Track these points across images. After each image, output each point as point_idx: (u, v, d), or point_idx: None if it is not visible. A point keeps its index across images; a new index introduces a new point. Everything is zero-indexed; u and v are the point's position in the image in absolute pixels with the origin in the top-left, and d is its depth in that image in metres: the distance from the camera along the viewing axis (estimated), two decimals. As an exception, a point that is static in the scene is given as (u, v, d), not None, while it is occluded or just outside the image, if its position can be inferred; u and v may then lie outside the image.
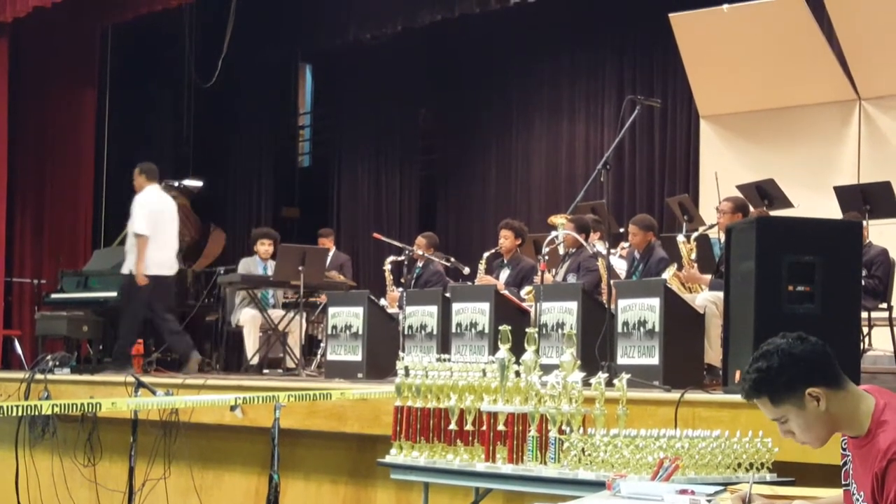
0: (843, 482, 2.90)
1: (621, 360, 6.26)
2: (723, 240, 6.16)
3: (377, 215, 14.00)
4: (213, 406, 6.68)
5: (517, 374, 4.35)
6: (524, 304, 7.45)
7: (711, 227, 7.85)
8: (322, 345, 8.90)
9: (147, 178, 8.97)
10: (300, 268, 8.78)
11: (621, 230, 8.95)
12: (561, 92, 12.80)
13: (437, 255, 9.40)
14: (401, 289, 8.86)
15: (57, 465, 7.87)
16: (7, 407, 5.54)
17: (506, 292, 7.63)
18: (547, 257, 7.15)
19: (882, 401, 2.75)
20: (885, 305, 7.30)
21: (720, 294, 6.07)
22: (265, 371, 9.08)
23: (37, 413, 7.47)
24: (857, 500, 2.79)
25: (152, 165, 9.13)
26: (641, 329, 6.27)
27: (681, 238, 7.53)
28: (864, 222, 7.48)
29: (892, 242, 7.62)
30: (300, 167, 15.79)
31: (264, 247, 9.67)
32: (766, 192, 8.61)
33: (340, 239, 13.15)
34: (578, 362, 4.25)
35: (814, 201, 8.72)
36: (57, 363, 8.27)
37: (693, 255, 7.41)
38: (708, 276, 7.15)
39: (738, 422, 4.56)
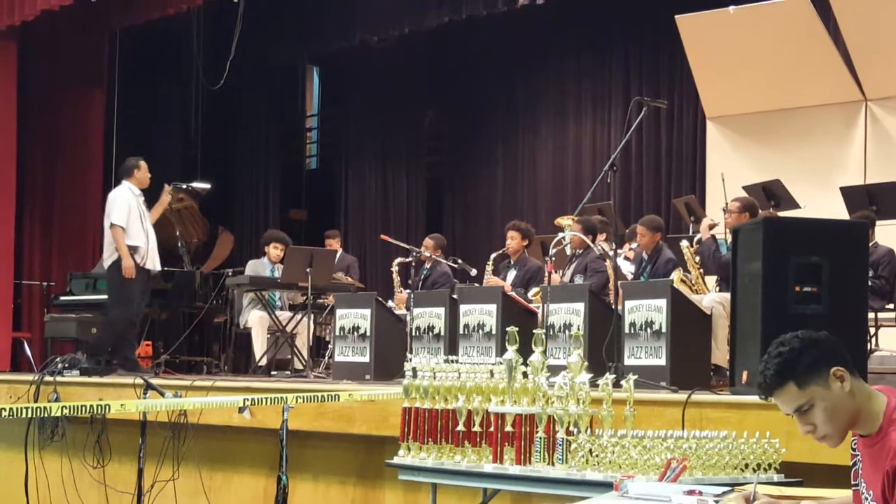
0: (852, 482, 2.89)
1: (628, 361, 6.27)
2: (729, 240, 6.17)
3: (384, 217, 14.02)
4: (222, 408, 6.70)
5: (525, 375, 4.35)
6: (531, 306, 7.46)
7: (714, 226, 7.88)
8: (330, 346, 8.91)
9: None
10: (308, 270, 8.81)
11: (626, 231, 8.95)
12: (567, 93, 12.82)
13: (445, 257, 9.41)
14: (408, 290, 8.87)
15: (66, 467, 7.90)
16: (17, 409, 5.56)
17: (513, 293, 7.65)
18: (554, 258, 7.17)
19: (894, 400, 2.75)
20: (891, 306, 7.30)
21: (727, 295, 6.08)
22: (273, 372, 9.10)
23: (46, 415, 7.50)
24: (867, 499, 2.79)
25: None
26: (648, 330, 6.28)
27: (684, 243, 7.55)
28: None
29: (898, 243, 7.62)
30: (307, 169, 15.83)
31: (276, 251, 9.69)
32: (772, 193, 8.61)
33: (348, 241, 13.18)
34: (586, 363, 4.26)
35: (820, 202, 8.72)
36: (66, 365, 8.29)
37: (697, 259, 7.43)
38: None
39: (745, 422, 4.57)
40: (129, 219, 8.67)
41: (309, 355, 9.05)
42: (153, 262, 8.86)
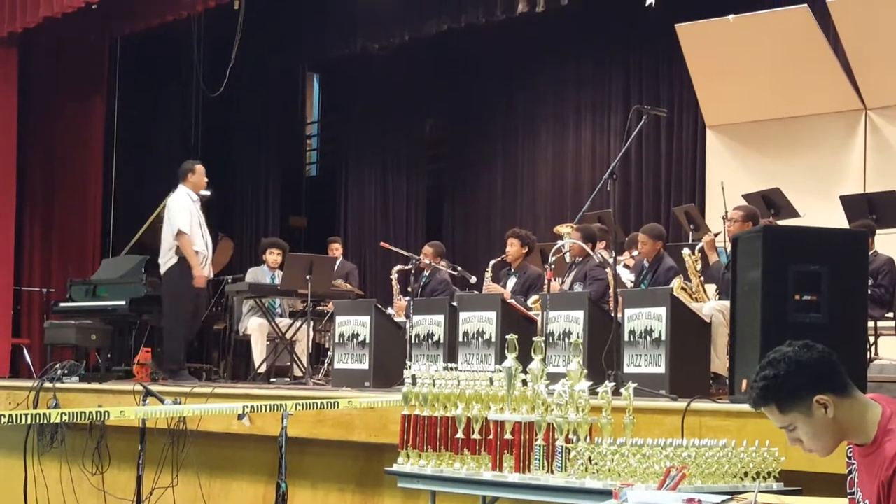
0: (848, 490, 2.90)
1: (628, 369, 6.28)
2: (729, 249, 6.18)
3: (384, 224, 14.03)
4: (221, 414, 6.69)
5: (524, 382, 4.36)
6: (531, 313, 7.46)
7: (716, 234, 7.89)
8: (329, 353, 8.91)
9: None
10: (307, 277, 8.82)
11: (626, 239, 8.96)
12: (567, 101, 12.84)
13: (444, 264, 9.41)
14: (408, 298, 8.88)
15: (65, 474, 7.89)
16: (16, 415, 5.55)
17: (512, 301, 7.65)
18: (553, 266, 7.17)
19: (889, 409, 2.75)
20: (891, 314, 7.30)
21: (727, 303, 6.08)
22: (272, 379, 9.10)
23: (45, 421, 7.47)
24: (863, 508, 2.80)
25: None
26: (648, 338, 6.29)
27: (686, 251, 7.56)
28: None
29: (898, 251, 7.63)
30: (308, 176, 15.84)
31: (273, 256, 9.73)
32: (772, 202, 8.62)
33: (348, 248, 13.18)
34: (585, 371, 4.26)
35: (820, 211, 8.73)
36: (66, 371, 8.29)
37: (698, 266, 7.43)
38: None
39: (744, 431, 4.57)
40: (191, 225, 8.65)
41: (308, 362, 9.05)
42: (209, 271, 8.87)
